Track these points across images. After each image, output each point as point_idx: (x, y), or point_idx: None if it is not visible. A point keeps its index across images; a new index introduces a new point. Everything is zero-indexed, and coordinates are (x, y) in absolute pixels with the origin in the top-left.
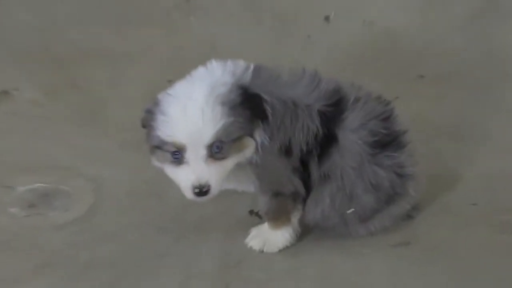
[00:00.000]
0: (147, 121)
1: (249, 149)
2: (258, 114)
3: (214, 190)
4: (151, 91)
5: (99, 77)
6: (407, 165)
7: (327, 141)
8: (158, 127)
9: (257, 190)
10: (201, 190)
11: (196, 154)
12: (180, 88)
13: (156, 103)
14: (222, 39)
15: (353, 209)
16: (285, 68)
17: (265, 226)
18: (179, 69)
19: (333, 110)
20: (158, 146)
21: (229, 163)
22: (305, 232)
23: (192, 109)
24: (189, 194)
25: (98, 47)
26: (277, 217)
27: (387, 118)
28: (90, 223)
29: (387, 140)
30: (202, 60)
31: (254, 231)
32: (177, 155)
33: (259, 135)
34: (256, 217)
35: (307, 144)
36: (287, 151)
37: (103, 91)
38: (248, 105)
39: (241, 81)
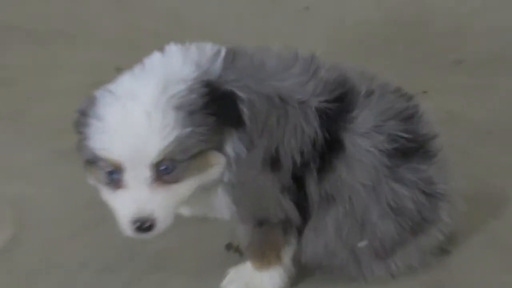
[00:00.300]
0: (79, 126)
1: (215, 167)
2: (229, 119)
3: (161, 225)
4: (94, 83)
5: (25, 64)
6: (438, 181)
7: (329, 149)
8: (91, 136)
9: (234, 217)
10: (142, 225)
11: (137, 176)
12: (124, 83)
13: (91, 102)
14: (187, 12)
15: (366, 242)
16: (271, 52)
17: (247, 266)
18: (131, 53)
19: (337, 108)
20: (92, 161)
21: (185, 188)
22: (302, 274)
23: (134, 115)
24: (127, 229)
25: (23, 24)
26: (263, 254)
27: (410, 117)
28: (9, 261)
29: (410, 148)
30: (161, 41)
31: (232, 273)
32: (114, 175)
33: (232, 146)
34: (236, 253)
35: (302, 154)
36: (274, 163)
37: (29, 82)
38: (215, 109)
39: (207, 74)
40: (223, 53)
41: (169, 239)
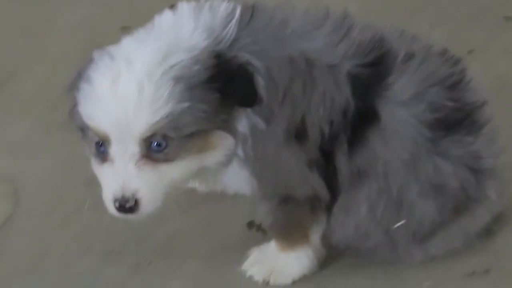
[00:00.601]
0: (73, 89)
1: (219, 149)
2: (240, 99)
3: (145, 207)
4: (95, 45)
5: (15, 25)
6: (486, 156)
7: (362, 120)
8: (81, 101)
9: (255, 193)
10: (123, 205)
11: (123, 151)
12: (125, 46)
13: (88, 63)
14: None
15: (403, 222)
16: (296, 10)
17: (271, 247)
18: (141, 10)
19: (372, 73)
20: (82, 129)
21: (177, 169)
22: (332, 256)
23: (125, 83)
24: (110, 207)
25: None
26: (289, 234)
27: (455, 84)
28: (3, 244)
29: (456, 118)
30: None
31: (255, 254)
32: (101, 147)
33: (246, 121)
34: (258, 232)
35: (331, 125)
36: (299, 135)
37: (19, 45)
38: (222, 85)
39: (219, 41)
40: (238, 12)
41: (182, 219)
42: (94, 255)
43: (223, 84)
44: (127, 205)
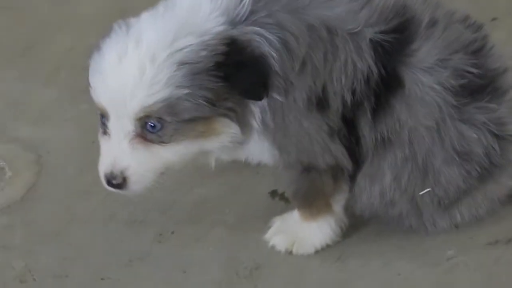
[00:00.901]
0: (90, 58)
1: (222, 136)
2: (248, 90)
3: (134, 185)
4: (121, 10)
5: None
6: (510, 122)
7: (386, 87)
8: (90, 70)
9: (278, 163)
10: (110, 180)
11: (119, 127)
12: (142, 21)
13: (107, 34)
14: None
15: (429, 189)
16: None
17: (294, 216)
18: None
19: (395, 40)
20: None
21: (171, 152)
22: (355, 225)
23: (130, 60)
24: (102, 180)
25: None
26: (311, 203)
27: (478, 50)
28: (28, 212)
29: (479, 85)
30: None
31: (277, 223)
32: (103, 120)
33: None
34: (281, 201)
35: (354, 93)
36: (320, 104)
37: (45, 10)
38: (229, 73)
39: (233, 20)
40: None
41: (206, 188)
42: (117, 223)
43: (230, 73)
44: (114, 182)
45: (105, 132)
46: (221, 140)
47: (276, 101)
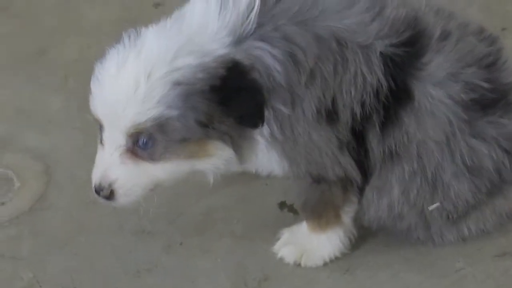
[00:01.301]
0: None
1: (214, 158)
2: (243, 117)
3: (121, 199)
4: (129, 19)
5: None
6: None
7: (395, 100)
8: (92, 79)
9: (288, 174)
10: (99, 191)
11: (112, 140)
12: (148, 33)
13: (115, 43)
14: None
15: (438, 204)
16: None
17: (303, 227)
18: None
19: (406, 53)
20: None
21: (161, 170)
22: (363, 236)
23: (127, 74)
24: (93, 189)
25: None
26: (320, 214)
27: (491, 64)
28: (37, 222)
29: (491, 99)
30: None
31: (286, 234)
32: (100, 129)
33: (268, 107)
34: (290, 213)
35: (363, 106)
36: (329, 116)
37: (49, 16)
38: (225, 98)
39: (239, 39)
40: (257, 2)
41: (215, 199)
42: (125, 233)
43: (226, 98)
44: (101, 194)
45: (101, 141)
46: (214, 162)
47: (283, 113)
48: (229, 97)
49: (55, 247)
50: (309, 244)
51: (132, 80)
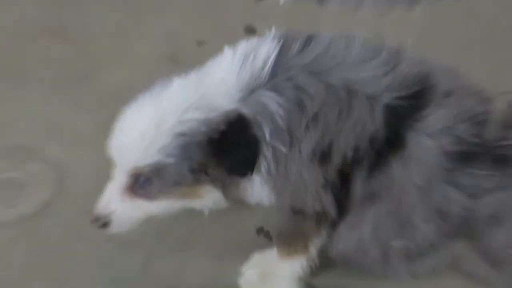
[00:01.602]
0: None
1: (205, 199)
2: (233, 168)
3: (114, 228)
4: (170, 55)
5: (99, 23)
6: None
7: (388, 147)
8: (117, 121)
9: (272, 205)
10: (96, 219)
11: (118, 176)
12: (173, 85)
13: (156, 78)
14: None
15: (402, 242)
16: (355, 40)
17: (273, 253)
18: (219, 26)
19: (409, 105)
20: None
21: (156, 208)
22: (325, 265)
23: (138, 122)
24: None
25: None
26: (291, 243)
27: (483, 122)
28: (37, 226)
29: (476, 153)
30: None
31: (256, 258)
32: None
33: (266, 144)
34: (266, 238)
35: (357, 151)
36: (323, 158)
37: (100, 44)
38: (220, 152)
39: (250, 90)
40: (273, 55)
41: (200, 220)
42: (115, 243)
43: (221, 150)
44: (99, 222)
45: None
46: (204, 203)
47: (280, 152)
48: (224, 150)
49: (53, 250)
50: (273, 267)
51: (143, 129)
